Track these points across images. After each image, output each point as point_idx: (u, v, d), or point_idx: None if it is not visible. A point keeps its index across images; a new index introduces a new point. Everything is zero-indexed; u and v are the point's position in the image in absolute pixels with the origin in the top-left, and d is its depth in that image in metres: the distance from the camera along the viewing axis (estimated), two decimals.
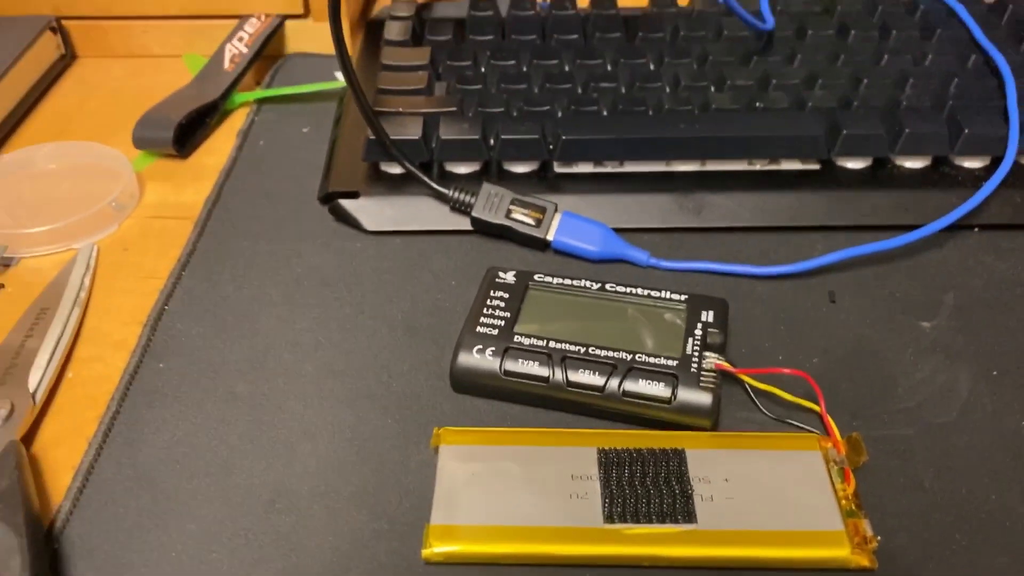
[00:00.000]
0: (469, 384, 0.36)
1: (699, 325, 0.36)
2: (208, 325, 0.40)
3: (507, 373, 0.35)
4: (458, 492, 0.32)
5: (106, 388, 0.37)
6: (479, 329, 0.36)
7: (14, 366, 0.37)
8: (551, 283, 0.38)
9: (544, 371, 0.35)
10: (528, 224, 0.42)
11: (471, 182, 0.44)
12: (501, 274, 0.39)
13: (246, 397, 0.36)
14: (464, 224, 0.44)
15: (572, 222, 0.42)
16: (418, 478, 0.33)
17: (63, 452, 0.35)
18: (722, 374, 0.35)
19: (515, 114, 0.46)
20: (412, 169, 0.44)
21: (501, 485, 0.32)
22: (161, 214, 0.47)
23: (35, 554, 0.29)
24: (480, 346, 0.36)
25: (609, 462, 0.32)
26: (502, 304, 0.37)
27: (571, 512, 0.31)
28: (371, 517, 0.32)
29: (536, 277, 0.39)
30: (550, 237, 0.42)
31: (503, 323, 0.37)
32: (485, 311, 0.37)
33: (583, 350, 0.35)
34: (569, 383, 0.35)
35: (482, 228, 0.43)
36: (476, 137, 0.44)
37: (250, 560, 0.31)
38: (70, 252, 0.44)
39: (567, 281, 0.38)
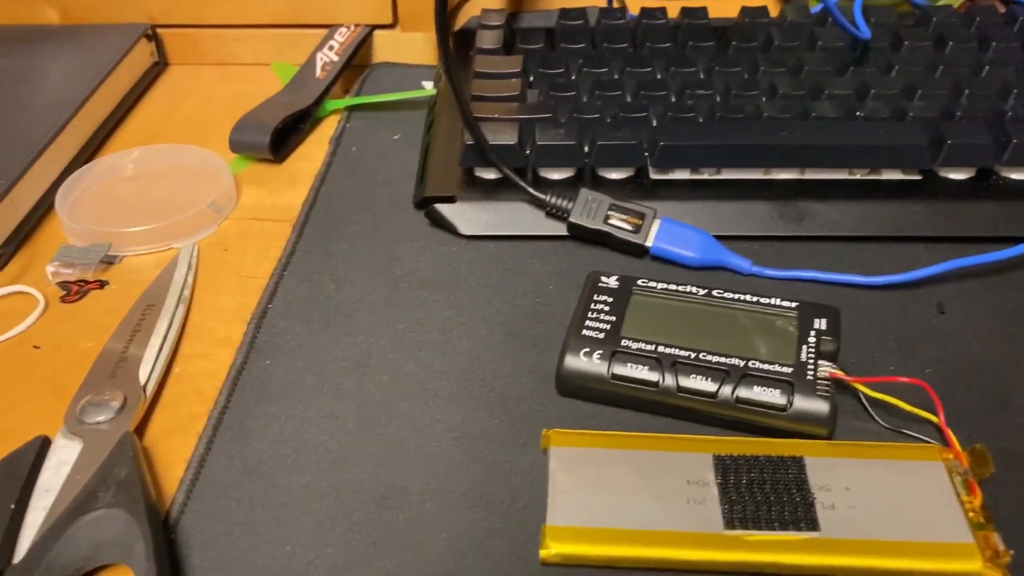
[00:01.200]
0: (576, 388, 0.36)
1: (812, 332, 0.36)
2: (311, 324, 0.40)
3: (615, 377, 0.35)
4: (572, 494, 0.31)
5: (213, 384, 0.37)
6: (585, 332, 0.36)
7: (123, 360, 0.37)
8: (655, 288, 0.38)
9: (654, 376, 0.35)
10: (626, 230, 0.42)
11: (565, 188, 0.44)
12: (604, 279, 0.38)
13: (353, 394, 0.36)
14: (560, 229, 0.44)
15: (671, 228, 0.42)
16: (528, 479, 0.33)
17: (174, 444, 0.35)
18: (836, 383, 0.34)
19: (610, 120, 0.46)
20: (510, 174, 0.44)
21: (616, 488, 0.31)
22: (259, 216, 0.47)
23: (157, 541, 0.29)
24: (587, 349, 0.35)
25: (726, 468, 0.32)
26: (606, 308, 0.37)
27: (689, 517, 0.30)
28: (483, 515, 0.32)
29: (640, 282, 0.38)
30: (649, 243, 0.42)
31: (609, 327, 0.36)
32: (590, 315, 0.37)
33: (693, 355, 0.35)
34: (680, 388, 0.34)
35: (579, 234, 0.43)
36: (573, 142, 0.44)
37: (365, 555, 0.31)
38: (171, 251, 0.45)
39: (672, 287, 0.38)
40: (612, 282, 0.38)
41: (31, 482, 0.32)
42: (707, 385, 0.34)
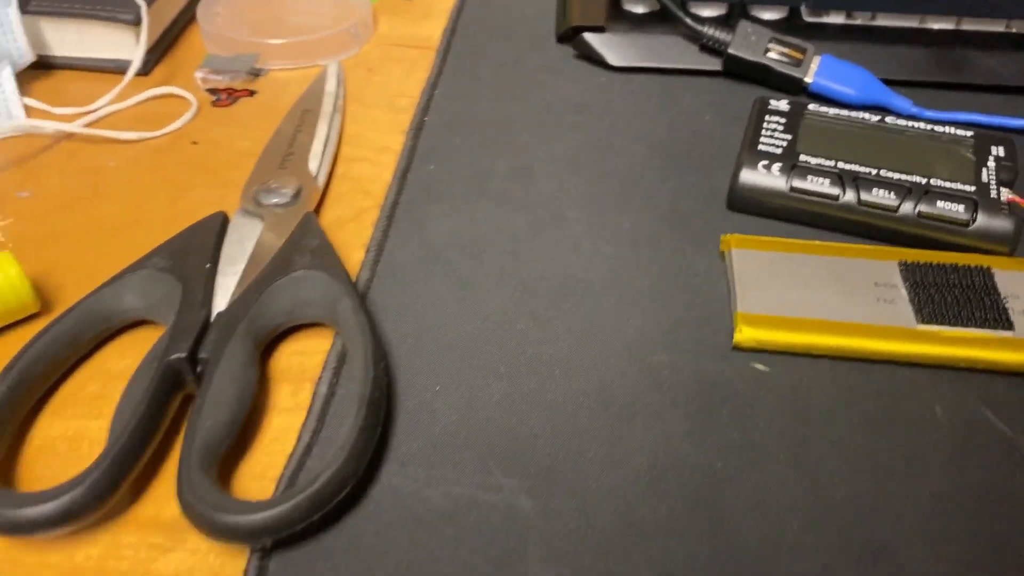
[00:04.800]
0: (750, 201, 0.35)
1: (990, 158, 0.35)
2: (468, 137, 0.40)
3: (794, 190, 0.35)
4: (759, 286, 0.31)
5: (379, 183, 0.37)
6: (760, 148, 0.36)
7: (291, 154, 0.37)
8: (827, 113, 0.37)
9: (834, 190, 0.34)
10: (787, 63, 0.42)
11: (716, 25, 0.43)
12: (773, 101, 0.38)
13: (519, 199, 0.36)
14: (713, 64, 0.43)
15: (832, 64, 0.41)
16: (707, 279, 0.33)
17: (349, 232, 0.35)
18: (1014, 206, 0.34)
19: None
20: (667, 3, 0.43)
21: (803, 284, 0.32)
22: (398, 43, 0.47)
23: (360, 299, 0.29)
24: (765, 163, 0.35)
25: (914, 272, 0.32)
26: (779, 128, 0.37)
27: (881, 313, 0.31)
28: (667, 307, 0.32)
29: (810, 106, 0.38)
30: (809, 79, 0.41)
31: (785, 144, 0.36)
32: (763, 133, 0.36)
33: (874, 172, 0.34)
34: (861, 203, 0.34)
35: (735, 68, 0.43)
36: None
37: (554, 333, 0.31)
38: (313, 69, 0.45)
39: (843, 112, 0.38)
40: (783, 105, 0.38)
41: (217, 251, 0.32)
42: (889, 199, 0.34)
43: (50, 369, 0.28)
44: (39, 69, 0.43)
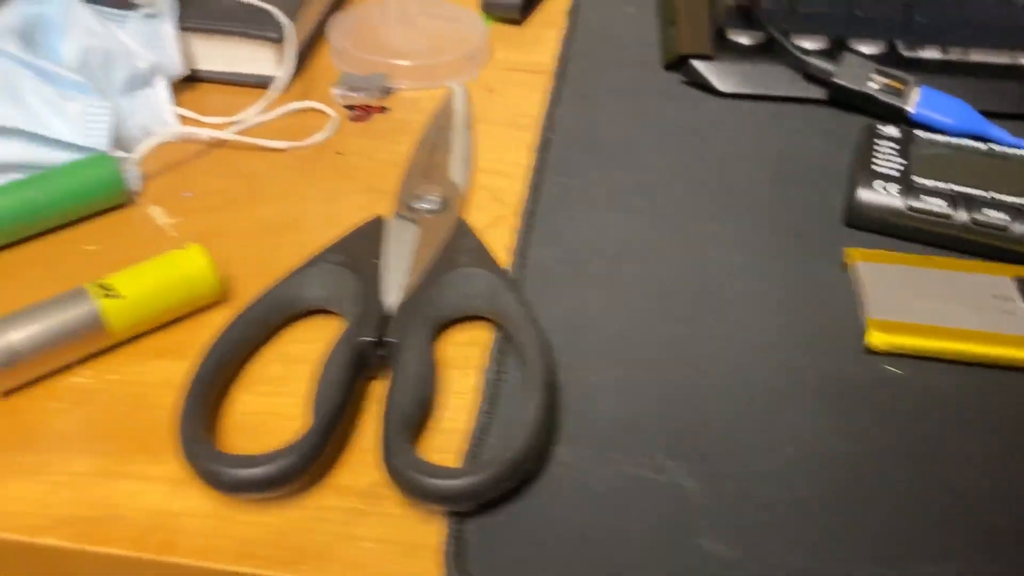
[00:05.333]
0: (867, 219, 0.38)
1: None
2: (593, 155, 0.42)
3: (912, 209, 0.37)
4: (887, 295, 0.34)
5: (512, 193, 0.40)
6: (875, 168, 0.38)
7: (433, 166, 0.40)
8: (937, 140, 0.40)
9: (949, 210, 0.37)
10: (890, 93, 0.44)
11: (821, 56, 0.46)
12: (881, 127, 0.41)
13: (648, 212, 0.39)
14: (816, 93, 0.46)
15: (932, 95, 0.44)
16: (832, 291, 0.35)
17: (491, 237, 0.37)
18: None
19: None
20: (777, 34, 0.46)
21: (927, 294, 0.34)
22: (514, 67, 0.50)
23: (520, 293, 0.32)
24: (881, 183, 0.38)
25: None
26: (892, 152, 0.39)
27: (1004, 322, 0.33)
28: (799, 314, 0.34)
29: (918, 133, 0.40)
30: (911, 108, 0.44)
31: (898, 166, 0.38)
32: (875, 156, 0.39)
33: (986, 194, 0.37)
34: (975, 222, 0.36)
35: (840, 96, 0.45)
36: (831, 11, 0.46)
37: (696, 336, 0.33)
38: (437, 90, 0.47)
39: (952, 140, 0.40)
40: (892, 131, 0.40)
41: (381, 249, 0.35)
42: (1001, 219, 0.36)
43: (243, 350, 0.31)
44: (184, 82, 0.46)
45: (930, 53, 0.47)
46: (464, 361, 0.32)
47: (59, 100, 0.39)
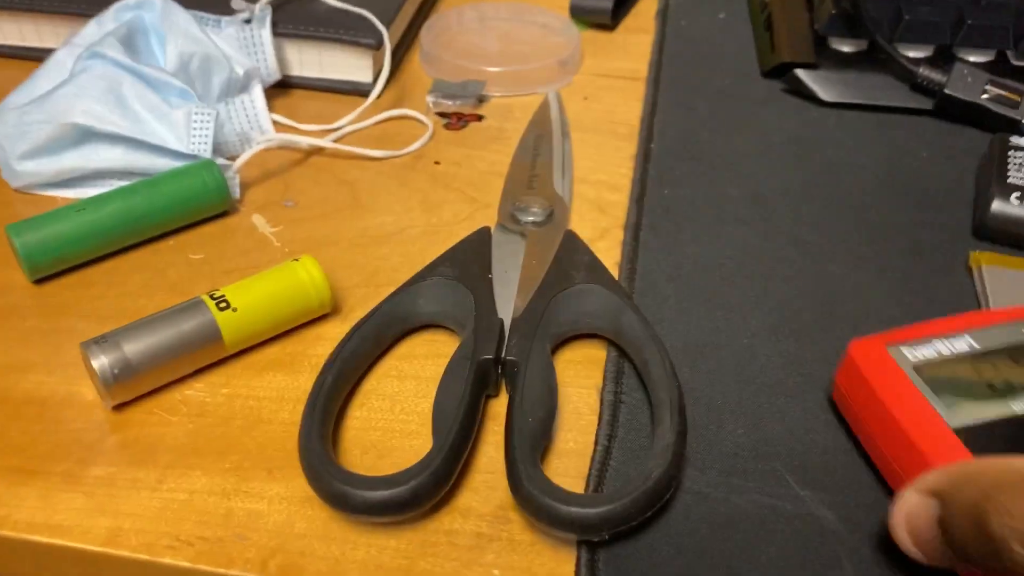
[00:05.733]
0: (1001, 231, 0.37)
1: None
2: (696, 164, 0.41)
3: None
4: (1012, 299, 0.33)
5: (616, 204, 0.39)
6: (1010, 180, 0.37)
7: (535, 176, 0.39)
8: None
9: None
10: (1004, 105, 0.43)
11: (929, 66, 0.44)
12: (1014, 138, 0.39)
13: (759, 225, 0.38)
14: (922, 103, 0.44)
15: None
16: (956, 308, 0.34)
17: (597, 250, 0.36)
18: None
19: (982, 2, 0.46)
20: (883, 43, 0.44)
21: None
22: (606, 74, 0.49)
23: (641, 312, 0.31)
24: (1018, 195, 0.36)
25: None
26: None
27: None
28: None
29: None
30: None
31: None
32: (1009, 167, 0.38)
33: None
34: None
35: (950, 107, 0.44)
36: (939, 20, 0.45)
37: (821, 355, 0.32)
38: (531, 97, 0.47)
39: None
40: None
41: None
42: None
43: (359, 365, 0.31)
44: (276, 87, 0.46)
45: None
46: (580, 380, 0.31)
47: (163, 106, 0.39)
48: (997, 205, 0.36)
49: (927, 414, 0.27)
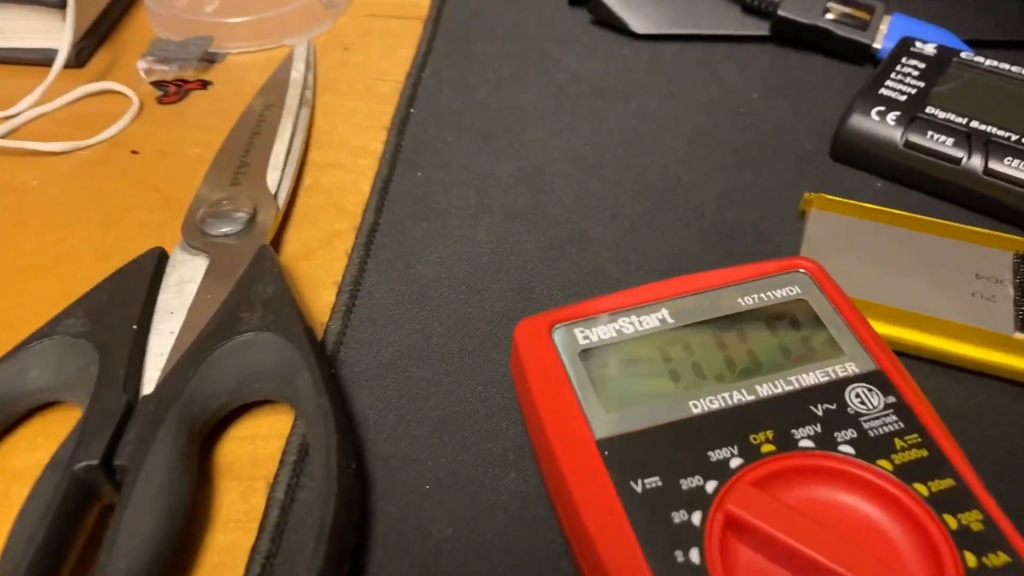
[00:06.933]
0: (856, 151, 0.30)
1: None
2: (463, 133, 0.33)
3: (908, 145, 0.29)
4: (831, 259, 0.25)
5: (355, 197, 0.30)
6: (883, 92, 0.30)
7: (246, 165, 0.31)
8: (981, 63, 0.31)
9: (958, 152, 0.28)
10: (850, 26, 0.34)
11: None
12: (919, 44, 0.32)
13: (530, 214, 0.29)
14: (758, 29, 0.36)
15: (907, 25, 0.34)
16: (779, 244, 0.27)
17: (318, 264, 0.28)
18: None
19: None
20: None
21: (887, 265, 0.26)
22: (379, 12, 0.39)
23: (324, 369, 0.23)
24: (881, 109, 0.29)
25: None
26: (915, 73, 0.31)
27: (973, 312, 0.25)
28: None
29: (963, 54, 0.32)
30: (878, 44, 0.34)
31: (914, 91, 0.30)
32: (893, 76, 0.30)
33: (1012, 137, 0.28)
34: (987, 171, 0.28)
35: (787, 32, 0.35)
36: None
37: None
38: (280, 50, 0.37)
39: (1003, 65, 0.31)
40: (929, 48, 0.32)
41: (151, 302, 0.25)
42: (1022, 171, 0.27)
43: None
44: None
45: None
46: (251, 469, 0.23)
47: None
48: (855, 119, 0.29)
49: (574, 421, 0.20)
